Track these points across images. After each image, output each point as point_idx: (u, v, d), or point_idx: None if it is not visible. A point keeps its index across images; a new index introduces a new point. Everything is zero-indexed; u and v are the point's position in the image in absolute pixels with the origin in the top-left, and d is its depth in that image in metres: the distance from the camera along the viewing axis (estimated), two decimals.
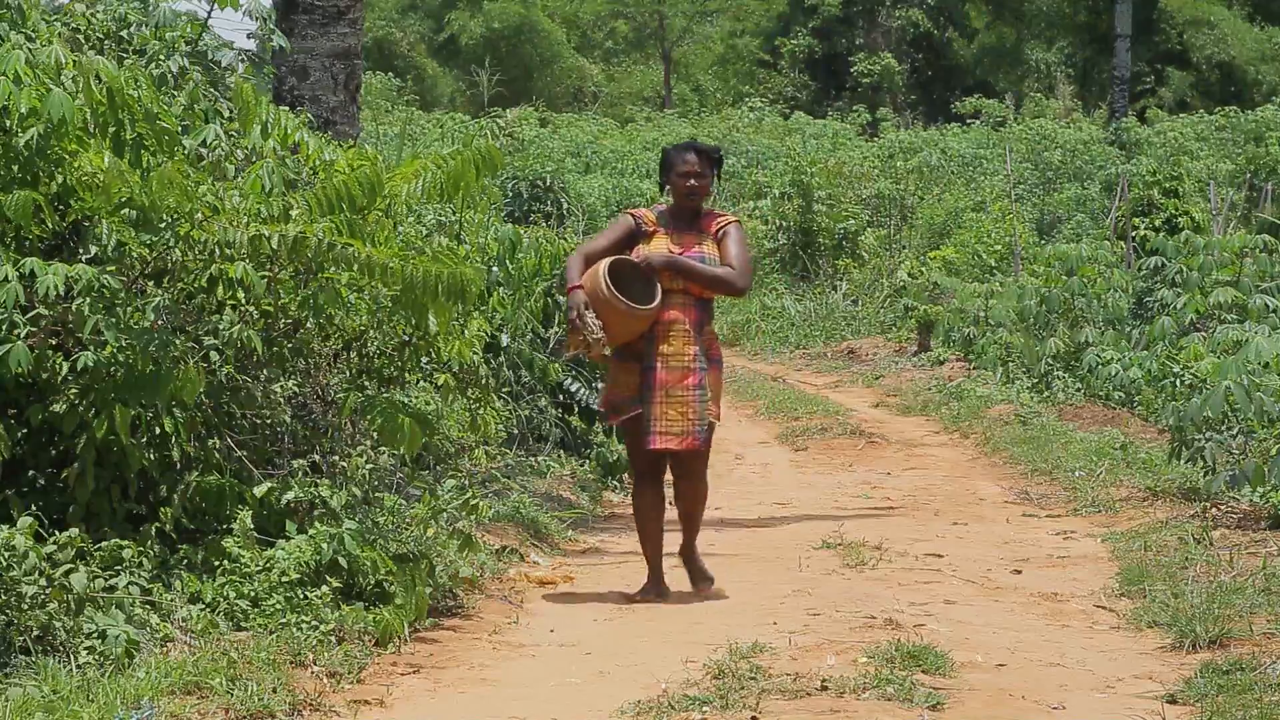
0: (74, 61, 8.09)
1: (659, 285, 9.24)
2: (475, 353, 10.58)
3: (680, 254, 9.30)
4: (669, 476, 9.65)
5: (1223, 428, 12.18)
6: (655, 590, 9.54)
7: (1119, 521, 12.05)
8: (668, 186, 9.50)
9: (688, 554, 9.73)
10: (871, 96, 61.12)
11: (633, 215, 9.54)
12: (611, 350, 9.31)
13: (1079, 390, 18.88)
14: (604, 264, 9.21)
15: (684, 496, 9.59)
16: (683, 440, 9.25)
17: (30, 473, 8.34)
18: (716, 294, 9.43)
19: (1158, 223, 25.11)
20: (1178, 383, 15.16)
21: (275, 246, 8.46)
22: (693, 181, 9.38)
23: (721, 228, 9.43)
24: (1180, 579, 9.46)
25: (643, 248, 9.36)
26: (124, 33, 10.52)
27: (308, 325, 9.46)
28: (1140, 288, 20.45)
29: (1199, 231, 22.23)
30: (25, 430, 8.22)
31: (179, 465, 8.62)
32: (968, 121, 51.54)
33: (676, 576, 9.76)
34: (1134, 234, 24.51)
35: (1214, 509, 11.62)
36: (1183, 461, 12.57)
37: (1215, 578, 9.37)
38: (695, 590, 9.63)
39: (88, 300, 7.83)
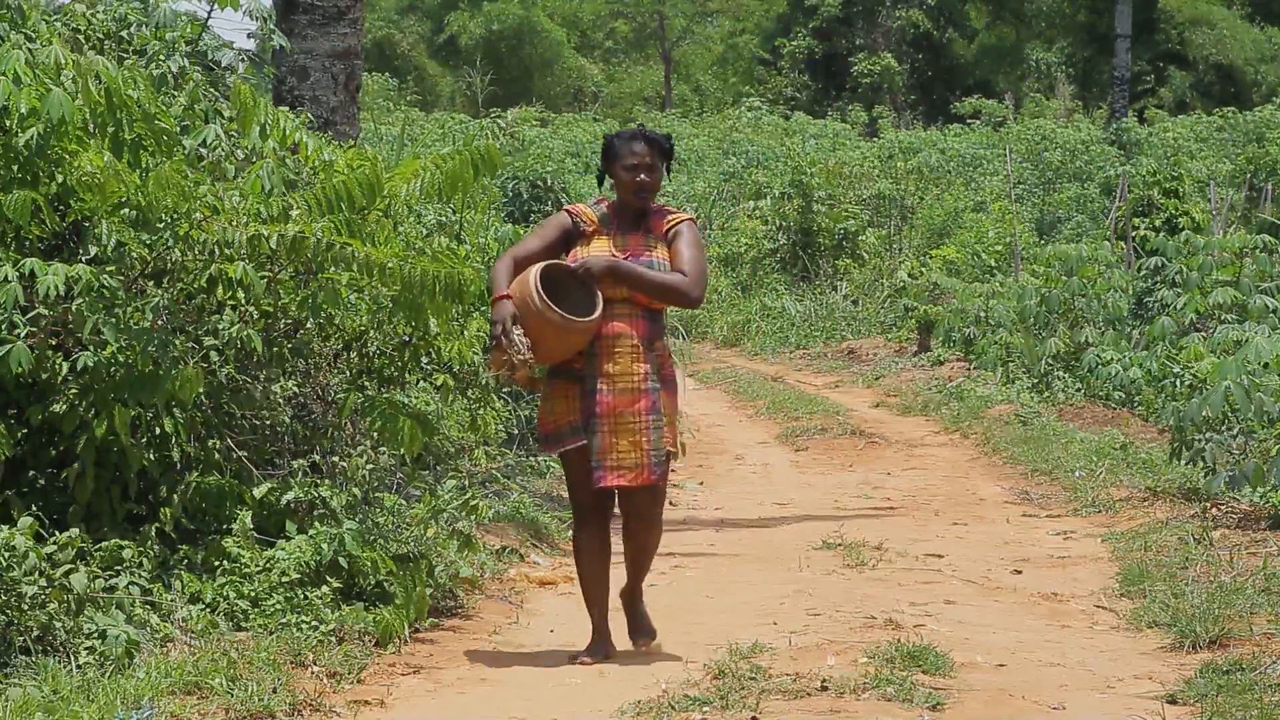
0: (73, 62, 8.09)
1: (599, 294, 7.88)
2: (475, 353, 10.57)
3: (625, 258, 7.95)
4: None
5: (1223, 428, 12.18)
6: (603, 650, 8.10)
7: (1119, 522, 12.04)
8: (610, 180, 8.14)
9: (631, 599, 8.37)
10: (871, 97, 61.10)
11: (569, 213, 8.14)
12: (543, 371, 8.05)
13: (1079, 390, 18.89)
14: (535, 270, 7.84)
15: (634, 538, 8.21)
16: (636, 475, 7.88)
17: (30, 473, 8.35)
18: (665, 304, 8.03)
19: (1158, 223, 25.10)
20: (1178, 383, 15.16)
21: (274, 246, 8.47)
22: (642, 176, 7.98)
23: (672, 227, 8.06)
24: (1180, 579, 9.45)
25: (580, 251, 8.00)
26: (124, 33, 10.52)
27: (308, 325, 9.48)
28: (1140, 288, 20.45)
29: (1199, 232, 22.22)
30: (25, 430, 8.22)
31: (179, 465, 8.63)
32: (968, 122, 51.52)
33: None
34: (1134, 234, 24.50)
35: (1214, 509, 11.61)
36: (1183, 462, 12.57)
37: (1215, 578, 9.37)
38: (634, 644, 8.28)
39: (87, 300, 7.83)
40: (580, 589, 8.19)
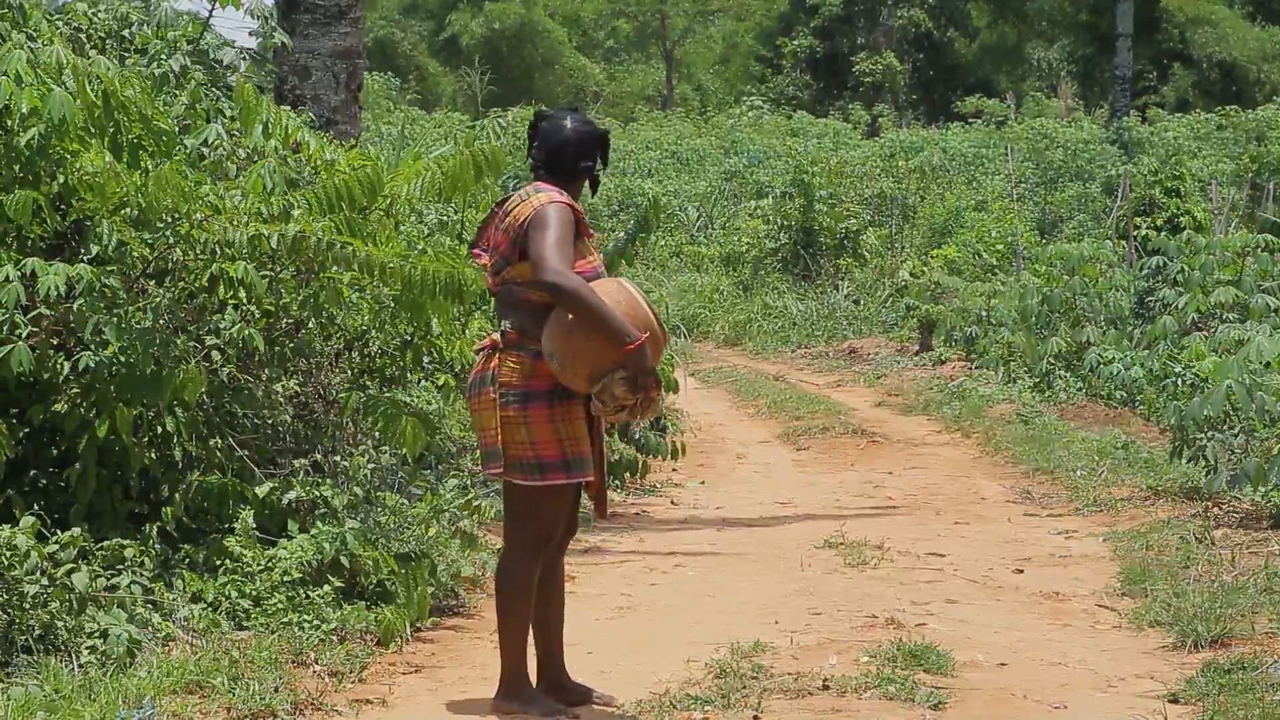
0: (71, 63, 8.10)
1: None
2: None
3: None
4: None
5: (1224, 427, 12.18)
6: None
7: (1121, 521, 12.04)
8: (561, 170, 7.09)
9: (566, 676, 7.29)
10: (873, 96, 61.10)
11: (574, 210, 6.90)
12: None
13: (1080, 390, 18.88)
14: (631, 287, 6.82)
15: (559, 576, 7.30)
16: (604, 506, 7.28)
17: (32, 472, 8.36)
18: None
19: (1159, 222, 25.09)
20: (1179, 382, 15.14)
21: (275, 246, 8.48)
22: (599, 173, 7.27)
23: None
24: (1182, 578, 9.46)
25: (589, 256, 6.94)
26: (126, 32, 10.55)
27: (309, 325, 9.49)
28: (1142, 287, 20.44)
29: (1200, 231, 22.23)
30: (27, 430, 8.23)
31: (181, 465, 8.64)
32: (969, 121, 51.51)
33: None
34: (1135, 233, 24.49)
35: (1216, 508, 11.62)
36: (1184, 461, 12.57)
37: (1217, 577, 9.37)
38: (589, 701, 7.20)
39: (89, 300, 7.84)
40: (510, 633, 7.00)
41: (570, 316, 6.60)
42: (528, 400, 6.79)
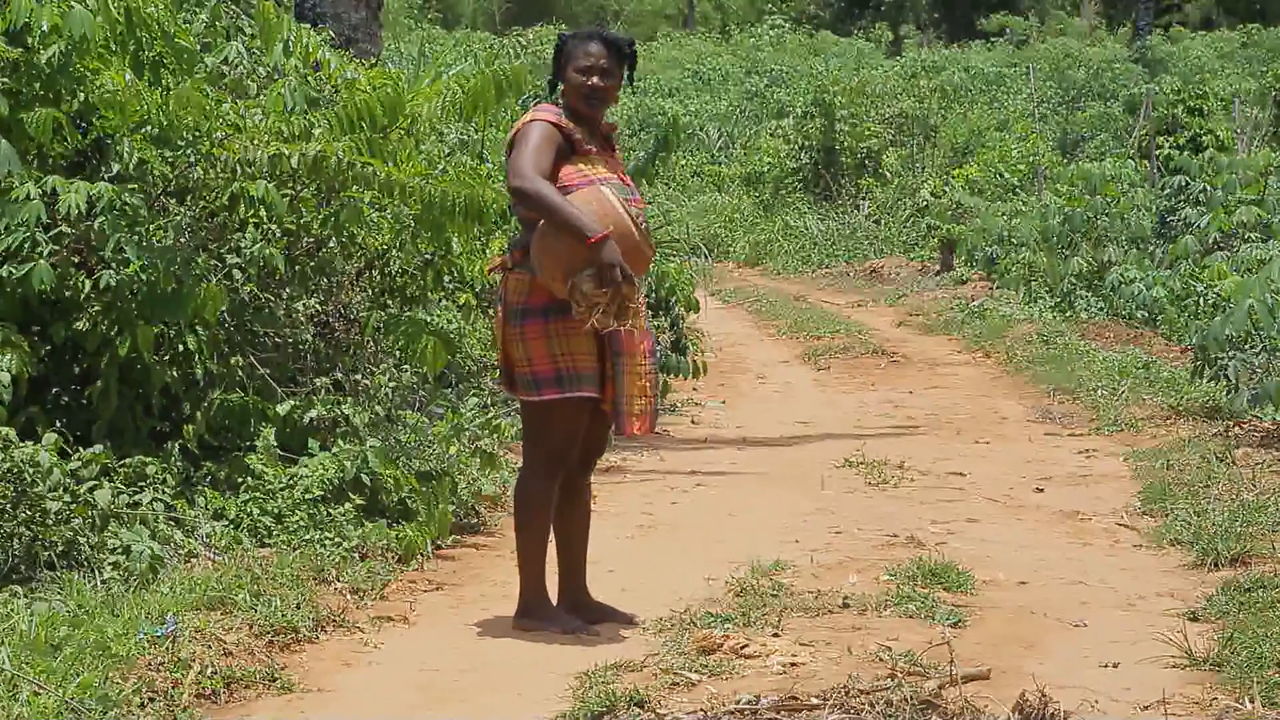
0: None
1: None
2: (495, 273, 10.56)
3: (629, 187, 7.05)
4: None
5: (1246, 346, 12.16)
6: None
7: (1141, 440, 12.03)
8: (560, 85, 7.06)
9: (587, 595, 7.31)
10: (895, 15, 60.80)
11: (558, 127, 6.85)
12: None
13: (1101, 309, 18.86)
14: (614, 197, 6.78)
15: (584, 499, 7.29)
16: (643, 423, 7.00)
17: (54, 390, 8.38)
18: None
19: (1182, 141, 25.01)
20: (1200, 301, 15.14)
21: (295, 165, 8.47)
22: (595, 80, 6.95)
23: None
24: (1202, 497, 9.45)
25: (585, 169, 6.89)
26: None
27: (330, 244, 9.48)
28: (1164, 207, 20.39)
29: (1223, 150, 22.15)
30: (49, 348, 8.24)
31: (202, 383, 8.66)
32: (991, 40, 51.27)
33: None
34: (1158, 153, 24.41)
35: (1236, 427, 11.61)
36: (1205, 380, 12.56)
37: (1237, 496, 9.36)
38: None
39: (109, 218, 7.84)
40: (527, 550, 7.02)
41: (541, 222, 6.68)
42: (525, 317, 6.84)
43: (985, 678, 6.10)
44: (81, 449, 7.62)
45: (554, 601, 7.12)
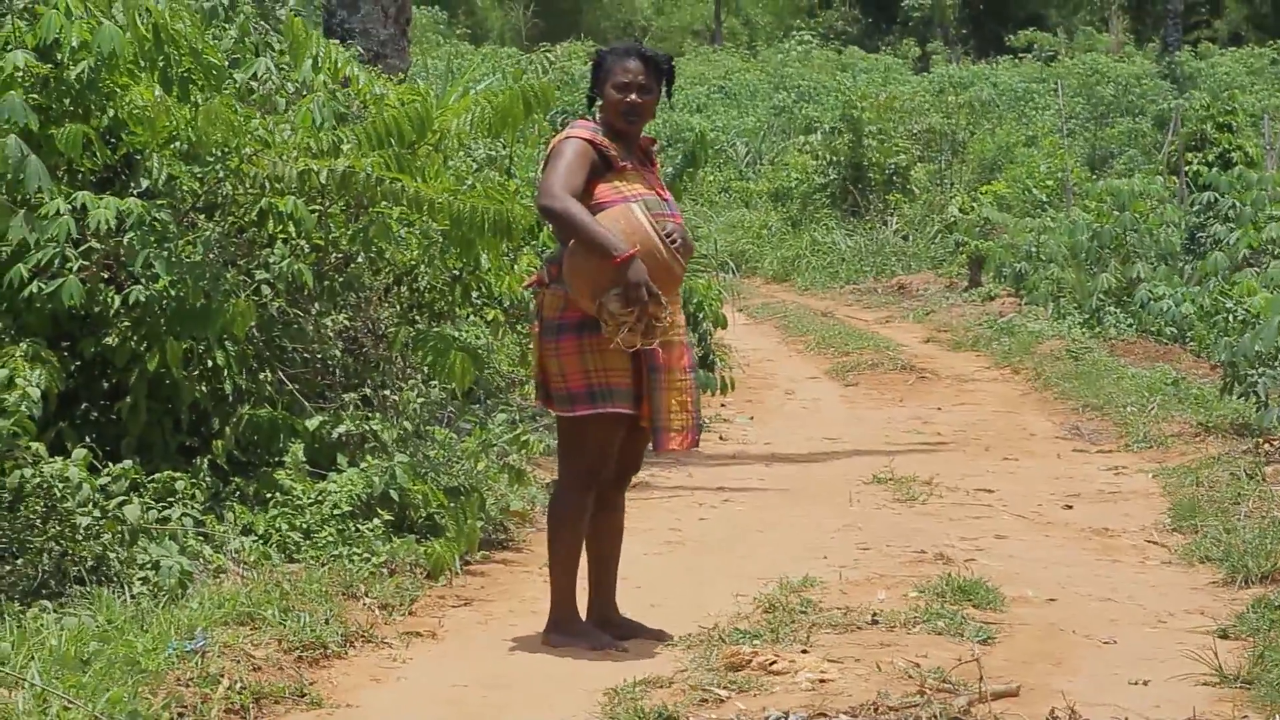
0: None
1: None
2: (526, 290, 10.57)
3: (666, 203, 7.03)
4: None
5: (1275, 363, 12.12)
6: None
7: (1170, 457, 12.01)
8: (599, 101, 7.05)
9: (616, 611, 7.30)
10: (923, 30, 60.78)
11: (593, 143, 6.86)
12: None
13: (1130, 325, 18.83)
14: (643, 216, 6.76)
15: (618, 516, 7.30)
16: (683, 439, 6.92)
17: (83, 405, 8.40)
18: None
19: (1211, 157, 24.96)
20: (1230, 318, 15.06)
21: (324, 181, 8.48)
22: (633, 96, 6.94)
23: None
24: (1232, 514, 9.42)
25: (621, 186, 6.87)
26: None
27: (358, 259, 9.49)
28: (1193, 223, 20.35)
29: (1252, 166, 22.08)
30: (78, 363, 8.27)
31: (231, 398, 8.67)
32: (1019, 55, 51.24)
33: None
34: (1187, 169, 24.36)
35: (1266, 444, 11.57)
36: (1235, 396, 12.52)
37: (1268, 513, 9.33)
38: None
39: (139, 234, 7.86)
40: (559, 565, 7.02)
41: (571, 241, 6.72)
42: (560, 333, 6.84)
43: (1015, 695, 6.09)
44: (111, 464, 7.64)
45: (584, 617, 7.12)
